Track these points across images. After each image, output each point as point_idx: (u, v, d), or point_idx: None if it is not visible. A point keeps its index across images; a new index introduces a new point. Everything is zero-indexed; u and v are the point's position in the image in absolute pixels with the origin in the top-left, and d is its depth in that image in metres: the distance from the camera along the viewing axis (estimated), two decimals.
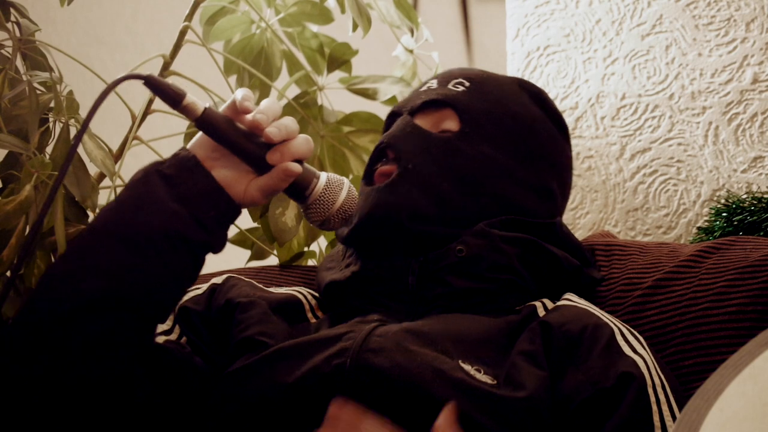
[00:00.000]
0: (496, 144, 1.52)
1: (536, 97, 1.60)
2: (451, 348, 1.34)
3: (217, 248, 1.34)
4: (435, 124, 1.53)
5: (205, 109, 1.32)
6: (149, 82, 1.31)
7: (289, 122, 1.34)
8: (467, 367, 1.32)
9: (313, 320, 1.50)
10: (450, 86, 1.55)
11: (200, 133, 1.35)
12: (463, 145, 1.50)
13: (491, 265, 1.45)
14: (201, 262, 1.33)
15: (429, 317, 1.41)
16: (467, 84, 1.55)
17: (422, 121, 1.54)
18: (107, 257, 1.28)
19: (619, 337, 1.37)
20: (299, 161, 1.35)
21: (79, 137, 1.33)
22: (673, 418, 1.30)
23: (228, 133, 1.33)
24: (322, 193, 1.36)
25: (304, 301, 1.52)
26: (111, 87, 1.31)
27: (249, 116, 1.32)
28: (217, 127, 1.33)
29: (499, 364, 1.34)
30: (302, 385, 1.32)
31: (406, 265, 1.45)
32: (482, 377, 1.31)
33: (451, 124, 1.52)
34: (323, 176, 1.38)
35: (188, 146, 1.35)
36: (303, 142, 1.34)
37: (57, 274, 1.30)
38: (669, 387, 1.33)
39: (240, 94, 1.33)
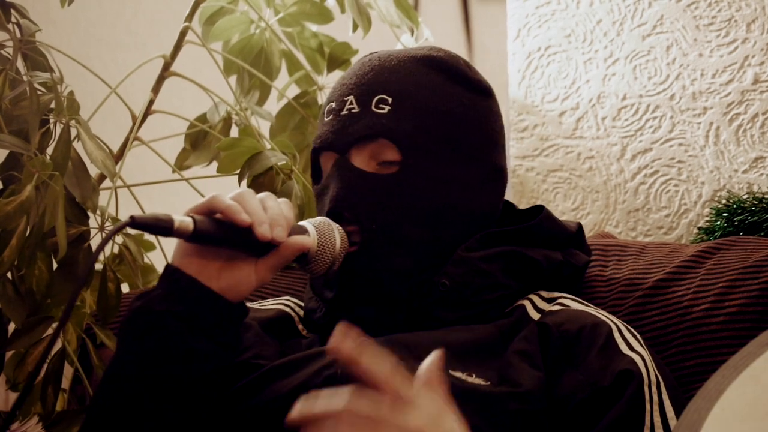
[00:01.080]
0: (441, 159, 1.44)
1: (449, 72, 1.48)
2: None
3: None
4: (372, 158, 1.44)
5: (195, 221, 1.29)
6: (135, 223, 1.27)
7: (270, 203, 1.32)
8: (457, 374, 1.32)
9: (305, 331, 1.49)
10: (374, 108, 1.44)
11: (181, 245, 1.33)
12: (411, 178, 1.42)
13: (476, 289, 1.42)
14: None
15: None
16: (390, 101, 1.44)
17: (358, 158, 1.43)
18: (148, 417, 1.30)
19: (617, 335, 1.37)
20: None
21: None
22: (662, 417, 1.30)
23: (222, 235, 1.30)
24: (319, 244, 1.36)
25: (292, 313, 1.51)
26: (109, 236, 1.28)
27: (229, 213, 1.30)
28: (211, 235, 1.30)
29: (492, 367, 1.34)
30: (296, 397, 1.33)
31: (393, 309, 1.42)
32: (474, 380, 1.31)
33: (390, 154, 1.43)
34: (309, 227, 1.36)
35: (177, 263, 1.33)
36: (288, 208, 1.34)
37: None
38: (665, 386, 1.33)
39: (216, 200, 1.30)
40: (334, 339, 1.03)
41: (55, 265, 1.63)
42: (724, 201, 1.89)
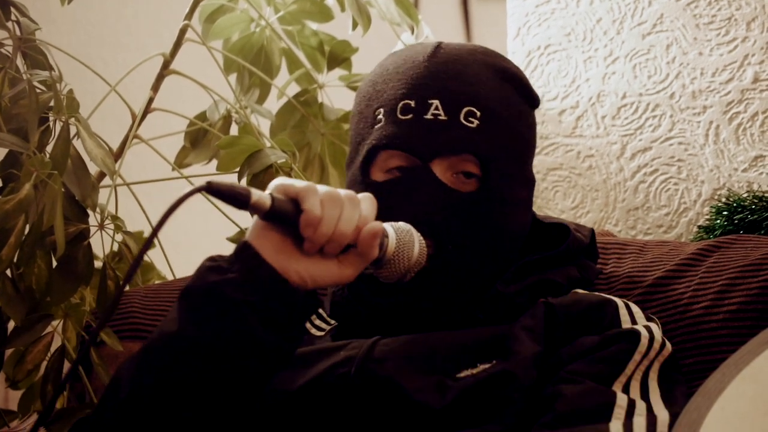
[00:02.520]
0: (514, 181, 1.44)
1: (519, 87, 1.49)
2: (450, 361, 1.33)
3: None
4: (452, 168, 1.41)
5: (273, 199, 1.25)
6: (211, 189, 1.24)
7: (347, 214, 1.27)
8: (464, 373, 1.32)
9: (313, 330, 1.49)
10: (462, 119, 1.41)
11: (257, 224, 1.28)
12: (490, 200, 1.41)
13: (504, 317, 1.41)
14: None
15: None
16: (479, 115, 1.41)
17: (439, 168, 1.40)
18: (198, 396, 1.26)
19: (622, 311, 1.38)
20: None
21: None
22: (644, 375, 1.31)
23: (296, 221, 1.26)
24: (396, 250, 1.31)
25: None
26: (179, 201, 1.24)
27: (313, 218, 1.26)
28: (286, 216, 1.26)
29: (498, 349, 1.35)
30: (306, 393, 1.33)
31: (415, 316, 1.40)
32: (479, 368, 1.32)
33: (471, 169, 1.41)
34: (389, 230, 1.31)
35: (253, 240, 1.27)
36: (369, 205, 1.30)
37: None
38: (668, 355, 1.34)
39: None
40: None
41: (54, 263, 1.62)
42: (724, 199, 1.89)
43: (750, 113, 1.98)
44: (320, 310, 1.51)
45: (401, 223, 1.34)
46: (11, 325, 1.63)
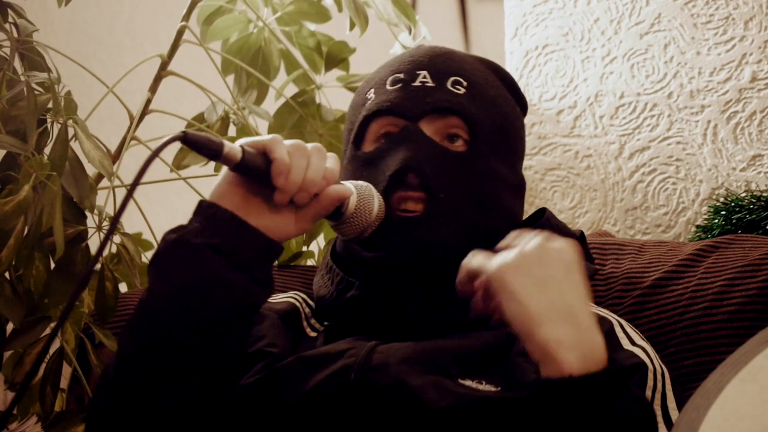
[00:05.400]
0: (498, 153, 1.46)
1: (505, 79, 1.53)
2: (450, 366, 1.33)
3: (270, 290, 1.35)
4: (440, 132, 1.44)
5: (244, 152, 1.28)
6: (186, 139, 1.26)
7: (315, 162, 1.31)
8: (468, 382, 1.32)
9: (307, 329, 1.49)
10: (449, 86, 1.46)
11: (222, 180, 1.32)
12: (477, 161, 1.43)
13: None
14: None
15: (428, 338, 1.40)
16: (465, 84, 1.46)
17: (428, 129, 1.43)
18: (181, 352, 1.29)
19: (618, 330, 1.37)
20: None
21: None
22: (663, 407, 1.30)
23: (266, 174, 1.30)
24: (357, 206, 1.35)
25: (300, 309, 1.51)
26: (157, 152, 1.25)
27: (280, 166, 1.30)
28: (256, 167, 1.30)
29: (500, 372, 1.34)
30: (307, 404, 1.33)
31: (410, 295, 1.41)
32: (484, 387, 1.31)
33: (459, 133, 1.44)
34: (351, 187, 1.36)
35: (215, 198, 1.32)
36: (334, 163, 1.33)
37: (128, 378, 1.30)
38: (669, 377, 1.33)
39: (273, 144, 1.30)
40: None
41: (53, 265, 1.62)
42: (722, 199, 1.89)
43: (748, 112, 1.98)
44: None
45: (362, 182, 1.38)
46: (10, 327, 1.63)
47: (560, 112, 2.15)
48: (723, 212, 1.85)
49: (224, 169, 1.33)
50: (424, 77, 1.46)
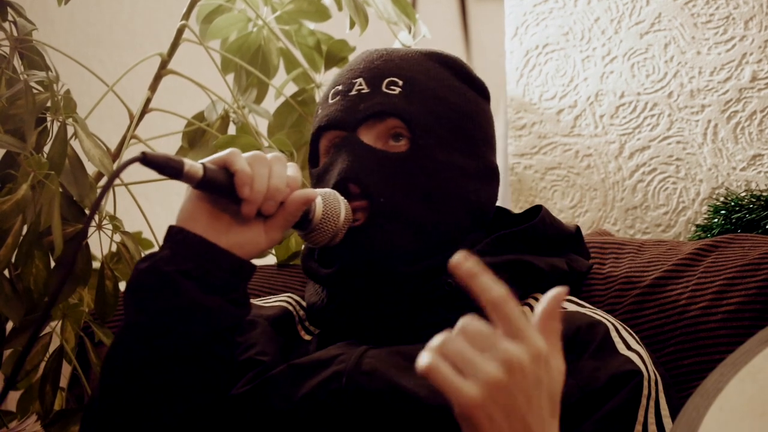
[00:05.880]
0: (446, 145, 1.45)
1: (454, 69, 1.51)
2: None
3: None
4: (380, 137, 1.44)
5: (205, 169, 1.28)
6: (146, 160, 1.25)
7: (276, 170, 1.31)
8: None
9: (302, 332, 1.49)
10: (384, 88, 1.45)
11: (188, 201, 1.32)
12: (420, 159, 1.42)
13: None
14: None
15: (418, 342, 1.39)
16: (401, 83, 1.45)
17: (367, 137, 1.43)
18: (164, 380, 1.29)
19: (614, 334, 1.36)
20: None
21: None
22: (656, 415, 1.30)
23: (229, 189, 1.29)
24: (324, 212, 1.35)
25: (293, 312, 1.51)
26: (116, 174, 1.26)
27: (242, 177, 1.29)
28: (219, 185, 1.29)
29: None
30: (298, 412, 1.33)
31: (396, 299, 1.41)
32: None
33: (402, 133, 1.44)
34: (314, 191, 1.36)
35: (183, 221, 1.32)
36: (295, 171, 1.33)
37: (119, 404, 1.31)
38: (662, 384, 1.33)
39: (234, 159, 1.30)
40: (456, 257, 1.01)
41: (52, 264, 1.62)
42: (722, 198, 1.89)
43: (748, 112, 1.98)
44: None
45: (326, 189, 1.38)
46: (9, 325, 1.63)
47: (560, 112, 2.15)
48: (723, 212, 1.85)
49: (188, 188, 1.32)
50: (360, 84, 1.46)
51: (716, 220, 1.85)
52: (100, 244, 1.68)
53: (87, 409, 1.37)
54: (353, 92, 1.46)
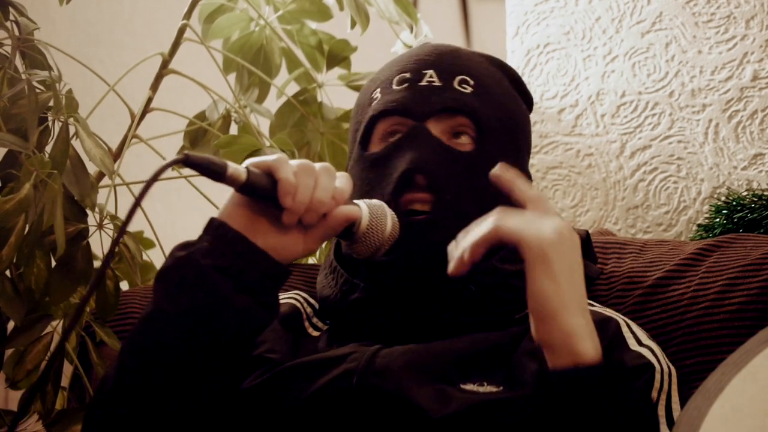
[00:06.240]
0: (505, 151, 1.45)
1: (513, 80, 1.52)
2: (453, 371, 1.33)
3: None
4: (446, 132, 1.43)
5: (249, 172, 1.27)
6: (189, 161, 1.25)
7: (323, 182, 1.29)
8: (469, 386, 1.31)
9: (310, 329, 1.48)
10: (456, 85, 1.45)
11: (230, 202, 1.30)
12: (483, 160, 1.41)
13: (500, 301, 1.41)
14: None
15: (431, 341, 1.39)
16: (472, 83, 1.45)
17: (435, 129, 1.42)
18: (183, 372, 1.28)
19: (625, 329, 1.36)
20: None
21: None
22: (667, 408, 1.30)
23: (273, 195, 1.27)
24: (369, 225, 1.33)
25: (301, 309, 1.50)
26: (157, 174, 1.25)
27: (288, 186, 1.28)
28: (262, 190, 1.28)
29: (503, 371, 1.34)
30: (309, 409, 1.32)
31: (417, 298, 1.40)
32: (486, 389, 1.30)
33: (467, 132, 1.44)
34: (362, 206, 1.34)
35: (224, 217, 1.29)
36: (346, 183, 1.31)
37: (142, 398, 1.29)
38: (675, 377, 1.32)
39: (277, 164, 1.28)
40: (496, 170, 1.28)
41: (53, 263, 1.62)
42: (723, 198, 1.89)
43: (749, 111, 1.98)
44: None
45: (374, 200, 1.36)
46: (11, 325, 1.63)
47: (562, 111, 2.15)
48: (724, 211, 1.85)
49: (230, 190, 1.31)
50: (431, 76, 1.45)
51: (718, 219, 1.84)
52: (101, 243, 1.68)
53: (89, 408, 1.36)
54: (424, 82, 1.45)
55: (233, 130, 1.94)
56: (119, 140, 1.85)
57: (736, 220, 1.83)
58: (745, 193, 1.87)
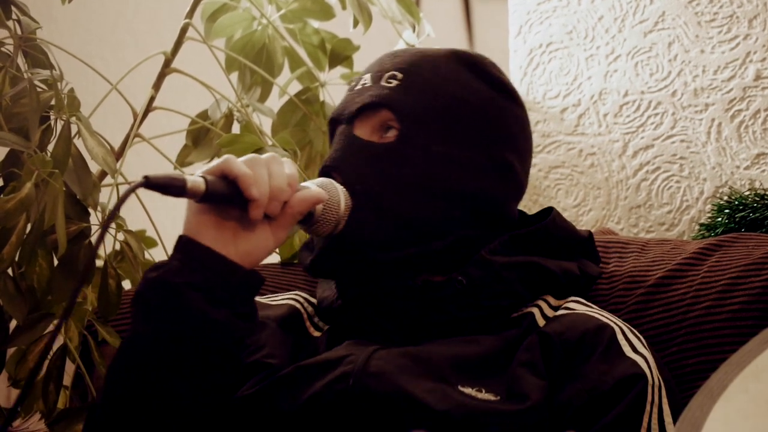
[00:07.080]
0: (443, 137, 1.43)
1: (475, 68, 1.49)
2: (450, 373, 1.33)
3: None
4: (375, 130, 1.44)
5: (206, 182, 1.27)
6: (149, 183, 1.26)
7: (275, 169, 1.31)
8: (467, 390, 1.31)
9: (311, 329, 1.49)
10: (383, 82, 1.45)
11: (192, 213, 1.31)
12: (408, 149, 1.42)
13: (492, 293, 1.41)
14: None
15: (428, 342, 1.39)
16: (400, 77, 1.45)
17: (362, 129, 1.44)
18: (170, 392, 1.29)
19: (620, 337, 1.36)
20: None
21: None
22: (659, 420, 1.30)
23: (233, 196, 1.29)
24: (325, 203, 1.36)
25: (301, 310, 1.51)
26: (121, 202, 1.27)
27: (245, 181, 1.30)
28: (222, 195, 1.29)
29: (500, 380, 1.34)
30: (305, 413, 1.33)
31: (402, 291, 1.41)
32: (484, 395, 1.31)
33: (393, 125, 1.44)
34: (312, 186, 1.36)
35: (191, 233, 1.31)
36: (291, 168, 1.33)
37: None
38: (665, 389, 1.33)
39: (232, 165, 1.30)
40: None
41: (55, 262, 1.62)
42: (725, 197, 1.89)
43: (752, 111, 1.98)
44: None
45: (323, 179, 1.39)
46: (13, 324, 1.63)
47: (564, 110, 2.15)
48: (727, 210, 1.85)
49: (188, 202, 1.32)
50: (365, 80, 1.48)
51: (720, 219, 1.84)
52: (103, 242, 1.68)
53: (91, 412, 1.37)
54: (359, 86, 1.48)
55: (235, 129, 1.94)
56: (121, 139, 1.85)
57: (738, 219, 1.82)
58: (747, 193, 1.87)
